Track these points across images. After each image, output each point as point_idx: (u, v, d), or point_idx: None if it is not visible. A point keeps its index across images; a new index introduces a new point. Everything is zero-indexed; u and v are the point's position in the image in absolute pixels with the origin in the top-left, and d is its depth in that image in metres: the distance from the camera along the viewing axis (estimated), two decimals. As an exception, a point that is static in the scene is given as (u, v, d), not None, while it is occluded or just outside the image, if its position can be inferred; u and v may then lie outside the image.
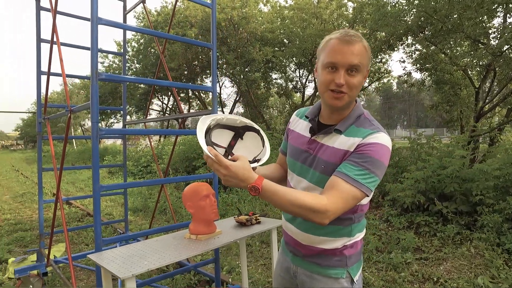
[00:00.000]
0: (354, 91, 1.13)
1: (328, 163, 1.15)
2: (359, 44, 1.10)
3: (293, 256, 1.33)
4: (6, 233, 5.18)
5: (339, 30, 1.17)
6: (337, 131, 1.17)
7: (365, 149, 1.09)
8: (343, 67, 1.10)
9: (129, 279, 1.36)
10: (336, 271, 1.23)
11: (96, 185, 1.85)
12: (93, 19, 1.81)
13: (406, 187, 4.68)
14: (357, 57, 1.09)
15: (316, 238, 1.22)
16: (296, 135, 1.32)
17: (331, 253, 1.22)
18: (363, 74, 1.14)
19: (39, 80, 3.10)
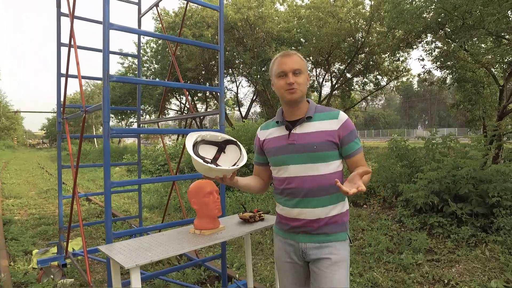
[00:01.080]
0: (302, 86, 1.53)
1: (318, 143, 1.50)
2: (296, 55, 1.55)
3: (303, 235, 1.56)
4: (31, 226, 5.47)
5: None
6: (308, 118, 1.55)
7: (348, 127, 1.53)
8: (290, 71, 1.51)
9: (133, 269, 1.45)
10: (340, 235, 1.56)
11: (107, 181, 1.96)
12: (105, 24, 1.92)
13: (420, 187, 4.61)
14: (297, 63, 1.52)
15: (324, 209, 1.52)
16: (272, 140, 1.62)
17: (334, 221, 1.54)
18: (305, 75, 1.56)
19: (59, 82, 3.28)
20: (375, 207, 5.44)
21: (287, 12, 17.05)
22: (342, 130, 1.51)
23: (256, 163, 1.76)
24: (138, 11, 3.85)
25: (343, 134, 1.51)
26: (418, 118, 66.47)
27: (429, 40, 11.92)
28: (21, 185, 10.58)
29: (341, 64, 16.39)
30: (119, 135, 2.03)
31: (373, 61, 15.31)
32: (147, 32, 2.31)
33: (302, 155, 1.51)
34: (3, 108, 32.48)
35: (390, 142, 5.90)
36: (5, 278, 3.30)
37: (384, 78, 16.35)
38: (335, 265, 1.51)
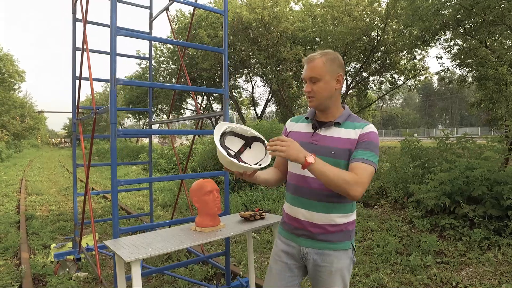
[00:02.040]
0: (319, 94, 1.51)
1: (337, 149, 1.47)
2: (317, 60, 1.50)
3: (303, 239, 1.54)
4: (51, 222, 5.72)
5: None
6: (337, 124, 1.53)
7: (368, 137, 1.46)
8: (307, 79, 1.53)
9: (133, 262, 1.54)
10: (344, 244, 1.53)
11: (114, 180, 2.06)
12: (112, 31, 2.02)
13: (431, 188, 4.54)
14: (313, 71, 1.49)
15: (329, 215, 1.49)
16: (297, 134, 1.62)
17: (339, 229, 1.51)
18: (325, 81, 1.49)
19: (74, 84, 3.43)
20: (386, 208, 5.39)
21: (302, 11, 16.99)
22: (360, 138, 1.46)
23: None
24: (149, 15, 3.98)
25: (358, 141, 1.46)
26: (439, 117, 64.66)
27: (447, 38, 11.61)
28: (43, 183, 11.03)
29: (356, 63, 16.20)
30: (126, 135, 2.13)
31: (389, 59, 15.06)
32: (153, 37, 2.40)
33: (319, 157, 1.43)
34: (28, 108, 33.83)
35: (402, 142, 5.82)
36: (26, 269, 3.49)
37: (401, 77, 16.05)
38: (335, 274, 1.50)
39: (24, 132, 31.21)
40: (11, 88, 27.83)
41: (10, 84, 27.49)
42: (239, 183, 7.63)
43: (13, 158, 21.78)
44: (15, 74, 27.30)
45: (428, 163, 5.51)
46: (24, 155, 26.27)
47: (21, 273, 3.47)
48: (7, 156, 20.93)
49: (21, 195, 8.28)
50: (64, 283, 3.22)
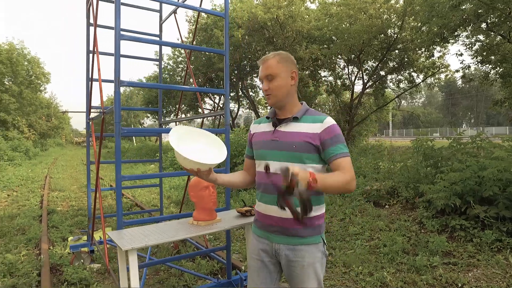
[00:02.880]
0: (276, 91, 1.58)
1: (298, 143, 1.53)
2: (271, 59, 1.57)
3: (275, 236, 1.58)
4: (70, 217, 6.01)
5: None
6: (295, 119, 1.59)
7: (331, 131, 1.53)
8: (263, 77, 1.60)
9: (130, 251, 1.65)
10: (314, 239, 1.56)
11: (118, 175, 2.19)
12: (116, 35, 2.15)
13: (441, 188, 4.47)
14: (269, 68, 1.57)
15: (297, 209, 1.44)
16: (260, 134, 1.69)
17: (309, 225, 1.55)
18: (281, 77, 1.57)
19: (88, 86, 3.62)
20: (396, 208, 5.34)
21: (318, 10, 16.88)
22: (324, 133, 1.52)
23: (246, 156, 1.81)
24: (159, 18, 4.12)
25: (324, 137, 1.51)
26: (463, 116, 62.45)
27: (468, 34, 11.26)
28: (65, 180, 11.52)
29: (374, 62, 15.95)
30: (129, 134, 2.26)
31: (407, 57, 14.74)
32: (155, 40, 2.52)
33: (281, 152, 1.54)
34: (54, 108, 35.26)
35: (413, 142, 5.74)
36: (44, 259, 3.73)
37: (420, 75, 15.66)
38: (307, 268, 1.54)
39: (49, 132, 32.57)
40: (37, 90, 29.10)
41: (37, 86, 28.74)
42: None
43: (39, 156, 22.79)
44: (41, 76, 28.53)
45: (441, 162, 5.41)
46: (49, 154, 27.42)
47: (40, 262, 3.70)
48: (34, 154, 21.91)
49: (45, 191, 8.71)
50: (78, 273, 3.41)
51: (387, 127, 57.55)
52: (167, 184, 9.10)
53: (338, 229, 4.74)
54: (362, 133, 19.12)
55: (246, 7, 15.98)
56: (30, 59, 27.73)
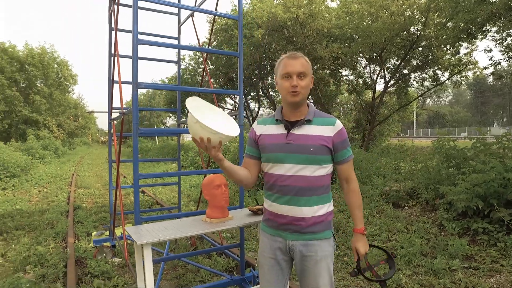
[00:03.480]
0: (305, 90, 1.61)
1: (315, 146, 1.59)
2: (302, 58, 1.62)
3: (289, 233, 1.63)
4: (94, 213, 6.28)
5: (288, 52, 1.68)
6: (308, 121, 1.63)
7: (342, 135, 1.65)
8: (294, 74, 1.59)
9: (145, 245, 1.74)
10: (325, 234, 1.65)
11: (136, 174, 2.30)
12: (134, 40, 2.25)
13: (463, 190, 4.34)
14: (302, 66, 1.60)
15: (311, 208, 1.60)
16: (270, 136, 1.68)
17: (320, 220, 1.63)
18: (309, 79, 1.63)
19: (110, 87, 3.78)
20: (416, 209, 5.22)
21: (338, 8, 16.67)
22: (336, 137, 1.61)
23: (247, 155, 1.77)
24: (177, 21, 4.24)
25: (336, 141, 1.61)
26: (494, 115, 59.64)
27: (498, 28, 10.76)
28: (91, 177, 11.99)
29: (396, 60, 15.58)
30: (146, 134, 2.36)
31: (432, 55, 14.29)
32: (171, 44, 2.61)
33: (298, 155, 1.58)
34: (81, 109, 36.72)
35: (435, 142, 5.59)
36: (70, 252, 3.94)
37: (445, 73, 15.14)
38: (320, 262, 1.60)
39: (76, 131, 33.95)
40: (66, 91, 30.42)
41: (65, 87, 30.05)
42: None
43: (67, 155, 23.80)
44: (69, 78, 29.80)
45: (463, 163, 5.24)
46: (76, 152, 28.57)
47: (66, 255, 3.92)
48: (63, 152, 22.91)
49: (72, 188, 9.11)
50: (101, 266, 3.58)
51: (411, 126, 55.93)
52: (188, 183, 9.30)
53: (355, 229, 4.70)
54: (384, 132, 18.70)
55: (266, 7, 16.00)
56: (59, 62, 29.05)
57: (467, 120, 57.90)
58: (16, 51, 26.67)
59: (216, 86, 21.35)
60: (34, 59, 26.78)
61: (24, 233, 5.04)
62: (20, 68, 26.58)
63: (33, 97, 26.94)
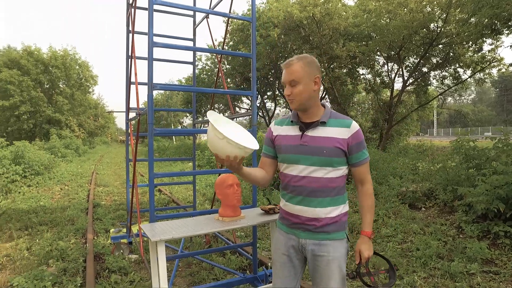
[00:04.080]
0: (299, 96, 1.61)
1: (329, 148, 1.59)
2: (295, 64, 1.61)
3: (302, 232, 1.66)
4: (112, 210, 6.46)
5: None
6: (322, 123, 1.63)
7: (358, 137, 1.63)
8: (287, 82, 1.64)
9: (158, 242, 1.79)
10: (339, 234, 1.66)
11: (151, 173, 2.36)
12: (149, 43, 2.32)
13: (482, 192, 4.21)
14: (293, 74, 1.60)
15: (324, 209, 1.62)
16: (285, 137, 1.71)
17: (334, 221, 1.64)
18: (304, 83, 1.60)
19: (127, 88, 3.89)
20: (433, 211, 5.11)
21: (356, 6, 16.45)
22: (352, 139, 1.60)
23: (264, 154, 1.81)
24: (193, 22, 4.31)
25: (352, 143, 1.61)
26: (521, 114, 57.20)
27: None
28: (110, 176, 12.31)
29: (415, 58, 15.22)
30: (161, 134, 2.42)
31: (453, 52, 13.89)
32: (186, 46, 2.67)
33: (312, 157, 1.60)
34: (100, 109, 37.75)
35: (453, 142, 5.45)
36: (89, 248, 4.08)
37: (467, 71, 14.68)
38: (332, 262, 1.61)
39: (96, 130, 34.94)
40: (87, 91, 31.35)
41: (86, 88, 30.97)
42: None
43: (87, 154, 24.52)
44: (90, 79, 30.69)
45: (484, 164, 5.09)
46: (96, 151, 29.38)
47: (86, 250, 4.06)
48: (83, 151, 23.62)
49: (91, 186, 9.40)
50: (118, 262, 3.69)
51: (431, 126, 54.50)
52: (204, 182, 9.41)
53: (370, 230, 4.64)
54: (402, 132, 18.31)
55: (282, 6, 15.97)
56: (80, 63, 29.96)
57: (492, 120, 55.88)
58: (41, 54, 27.73)
59: (233, 86, 21.49)
60: (57, 61, 27.76)
61: (47, 228, 5.25)
62: (44, 70, 27.61)
63: (56, 97, 27.93)
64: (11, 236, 4.96)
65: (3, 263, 4.00)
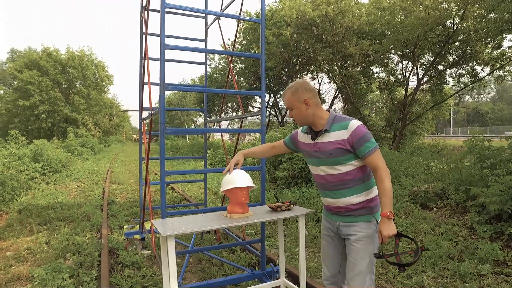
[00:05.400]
0: (296, 118, 1.98)
1: (332, 150, 1.87)
2: (287, 95, 1.98)
3: (336, 216, 1.99)
4: (126, 207, 6.64)
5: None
6: (326, 131, 1.92)
7: (357, 134, 1.83)
8: (287, 108, 2.01)
9: (168, 237, 1.87)
10: (366, 217, 1.91)
11: (162, 171, 2.45)
12: (161, 46, 2.40)
13: (495, 192, 4.15)
14: (286, 103, 2.00)
15: (346, 199, 1.90)
16: (304, 144, 2.07)
17: (361, 206, 1.90)
18: (297, 107, 1.95)
19: (141, 88, 4.00)
20: (445, 211, 5.05)
21: (369, 4, 16.26)
22: (351, 137, 1.84)
23: (285, 142, 2.26)
24: (205, 23, 4.39)
25: (352, 141, 1.84)
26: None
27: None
28: (124, 174, 12.59)
29: (430, 56, 14.94)
30: (173, 133, 2.50)
31: (470, 49, 13.56)
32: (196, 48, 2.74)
33: (323, 160, 1.92)
34: (115, 108, 38.49)
35: (467, 142, 5.36)
36: (104, 243, 4.22)
37: (486, 68, 14.30)
38: (360, 241, 1.87)
39: (111, 129, 35.65)
40: (102, 91, 32.02)
41: (102, 87, 31.64)
42: (295, 179, 7.78)
43: (103, 152, 25.08)
44: (105, 78, 31.34)
45: (499, 164, 4.99)
46: (111, 150, 30.00)
47: (100, 245, 4.20)
48: (99, 150, 24.17)
49: (106, 183, 9.64)
50: (131, 257, 3.81)
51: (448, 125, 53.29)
52: (216, 180, 9.52)
53: (380, 230, 4.63)
54: (417, 131, 17.99)
55: (295, 5, 15.93)
56: (96, 63, 30.63)
57: None
58: (59, 55, 28.51)
59: (246, 85, 21.58)
60: (74, 61, 28.47)
61: (64, 224, 5.45)
62: (62, 70, 28.37)
63: (73, 97, 28.66)
64: (31, 231, 5.18)
65: (25, 256, 4.19)
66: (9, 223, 5.63)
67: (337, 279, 2.08)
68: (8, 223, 5.65)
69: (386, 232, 1.74)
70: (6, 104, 27.51)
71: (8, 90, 29.86)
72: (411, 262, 1.74)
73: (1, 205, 6.56)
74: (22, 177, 8.15)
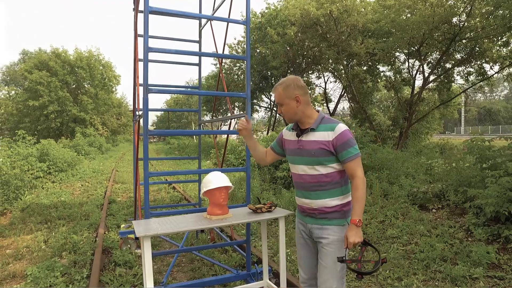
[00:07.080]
0: (285, 114, 1.96)
1: (315, 150, 1.87)
2: (277, 90, 1.96)
3: (309, 218, 1.98)
4: (126, 206, 6.71)
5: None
6: (312, 129, 1.92)
7: (342, 138, 1.84)
8: (277, 103, 2.00)
9: (144, 238, 1.90)
10: (340, 221, 1.91)
11: (146, 172, 2.47)
12: (145, 48, 2.42)
13: (492, 193, 4.07)
14: (276, 98, 1.97)
15: (322, 201, 1.90)
16: (289, 141, 2.06)
17: (333, 210, 1.91)
18: (287, 103, 1.93)
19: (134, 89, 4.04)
20: (443, 213, 4.98)
21: (374, 2, 16.10)
22: (336, 140, 1.85)
23: (271, 147, 2.21)
24: (199, 24, 4.41)
25: (336, 144, 1.85)
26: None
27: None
28: (129, 173, 12.72)
29: (437, 54, 14.71)
30: (156, 134, 2.53)
31: (478, 47, 13.31)
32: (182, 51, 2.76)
33: (305, 158, 1.92)
34: (124, 107, 38.90)
35: (467, 142, 5.27)
36: (99, 242, 4.29)
37: (495, 66, 14.01)
38: (332, 244, 1.88)
39: (119, 129, 36.03)
40: (110, 91, 32.40)
41: (109, 87, 32.02)
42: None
43: (110, 151, 25.39)
44: (113, 78, 31.71)
45: (500, 165, 4.89)
46: (119, 149, 30.36)
47: (95, 244, 4.26)
48: (106, 149, 24.49)
49: (110, 183, 9.76)
50: (124, 256, 3.86)
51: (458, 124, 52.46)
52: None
53: (375, 231, 4.60)
54: (423, 131, 17.74)
55: (299, 4, 15.85)
56: (104, 64, 31.00)
57: (524, 117, 53.09)
58: (68, 55, 28.95)
59: (251, 84, 21.58)
60: (82, 62, 28.88)
61: (64, 223, 5.54)
62: (70, 70, 28.80)
63: (81, 97, 29.08)
64: (32, 229, 5.28)
65: (23, 253, 4.29)
66: (11, 222, 5.75)
67: (314, 281, 2.05)
68: (10, 222, 5.78)
69: (352, 239, 1.74)
70: (17, 104, 28.07)
71: (19, 91, 30.44)
72: (370, 272, 1.74)
73: (5, 204, 6.70)
74: (26, 177, 8.31)
